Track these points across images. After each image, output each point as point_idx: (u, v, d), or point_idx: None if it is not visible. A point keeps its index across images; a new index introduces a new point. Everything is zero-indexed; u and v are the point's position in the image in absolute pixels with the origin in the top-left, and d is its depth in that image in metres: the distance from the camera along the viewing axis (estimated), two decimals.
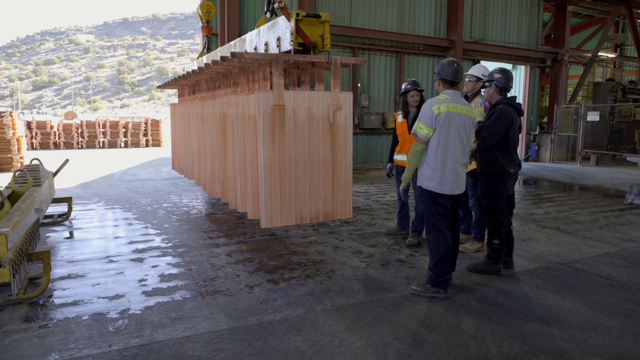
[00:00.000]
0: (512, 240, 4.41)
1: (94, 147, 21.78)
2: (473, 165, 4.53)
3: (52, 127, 21.07)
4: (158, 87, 8.58)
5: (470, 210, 5.09)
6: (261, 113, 4.32)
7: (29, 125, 20.63)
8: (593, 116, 14.60)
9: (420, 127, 3.68)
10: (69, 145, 21.30)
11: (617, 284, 4.09)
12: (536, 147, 16.05)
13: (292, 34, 4.29)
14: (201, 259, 4.64)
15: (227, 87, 5.54)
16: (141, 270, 4.31)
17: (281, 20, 4.68)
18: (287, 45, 4.52)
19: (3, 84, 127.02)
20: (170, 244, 5.17)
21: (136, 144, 23.00)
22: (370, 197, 8.34)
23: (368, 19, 12.73)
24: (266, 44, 5.06)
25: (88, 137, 21.76)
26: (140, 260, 4.62)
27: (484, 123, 4.17)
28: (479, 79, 4.83)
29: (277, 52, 4.83)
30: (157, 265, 4.46)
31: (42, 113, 75.92)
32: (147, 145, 23.20)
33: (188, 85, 7.48)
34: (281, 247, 5.04)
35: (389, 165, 5.45)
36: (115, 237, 5.47)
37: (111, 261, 4.58)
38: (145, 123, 23.65)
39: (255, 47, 5.44)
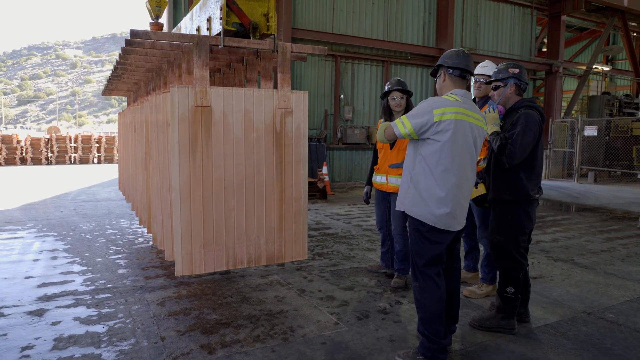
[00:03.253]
0: (528, 286, 3.37)
1: (64, 162, 20.50)
2: (479, 191, 3.41)
3: (18, 142, 19.81)
4: (103, 93, 7.48)
5: (477, 242, 4.09)
6: (176, 117, 3.17)
7: None
8: (591, 131, 13.79)
9: (404, 124, 2.64)
10: (37, 161, 20.00)
11: None
12: None
13: (221, 10, 3.22)
14: (122, 311, 3.53)
15: (160, 88, 4.39)
16: (34, 330, 3.19)
17: None
18: (218, 27, 3.42)
19: None
20: (92, 287, 4.06)
21: (110, 160, 21.79)
22: (352, 221, 7.29)
23: (352, 26, 11.86)
24: (198, 29, 3.97)
25: (58, 152, 20.51)
26: (41, 313, 3.50)
27: (509, 134, 3.07)
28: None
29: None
30: (60, 322, 3.34)
31: (26, 128, 74.39)
32: None
33: (133, 90, 6.38)
34: (232, 292, 3.94)
35: (366, 188, 4.40)
36: (26, 277, 4.33)
37: (1, 315, 3.45)
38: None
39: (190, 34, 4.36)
